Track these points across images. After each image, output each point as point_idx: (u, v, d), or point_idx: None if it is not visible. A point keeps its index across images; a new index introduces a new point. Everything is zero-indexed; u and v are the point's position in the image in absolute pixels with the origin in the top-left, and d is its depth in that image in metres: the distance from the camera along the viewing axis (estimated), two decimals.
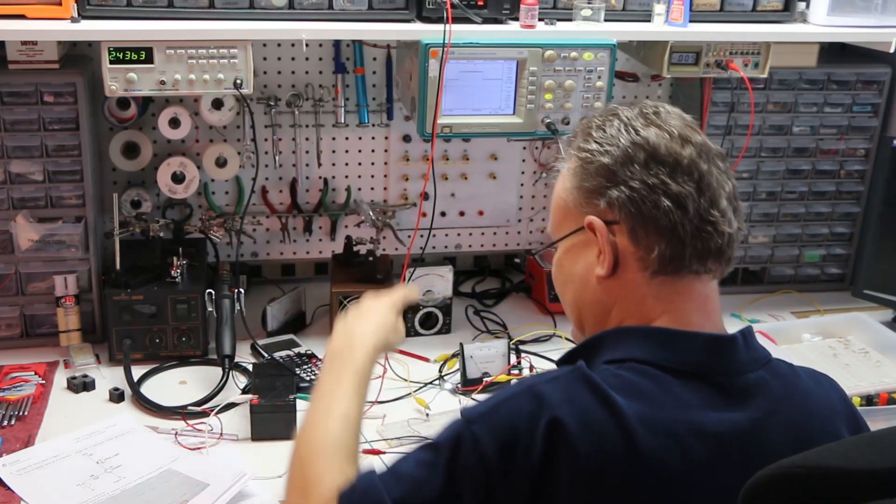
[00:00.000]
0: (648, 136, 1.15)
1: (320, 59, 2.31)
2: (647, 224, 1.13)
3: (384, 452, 1.77)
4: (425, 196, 2.38)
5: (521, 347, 2.20)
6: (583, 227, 1.18)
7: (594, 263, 1.18)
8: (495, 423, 1.07)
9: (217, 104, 2.13)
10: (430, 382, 2.04)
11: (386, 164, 2.44)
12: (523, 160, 2.53)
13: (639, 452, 1.03)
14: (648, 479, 1.04)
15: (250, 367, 2.03)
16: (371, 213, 2.34)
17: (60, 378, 1.98)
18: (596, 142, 1.18)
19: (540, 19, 2.02)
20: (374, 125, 2.39)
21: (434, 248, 2.52)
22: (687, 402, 1.08)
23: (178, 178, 2.20)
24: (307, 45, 1.99)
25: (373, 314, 1.40)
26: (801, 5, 2.22)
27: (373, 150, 2.43)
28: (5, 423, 1.80)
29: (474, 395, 1.97)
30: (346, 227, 2.47)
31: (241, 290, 2.12)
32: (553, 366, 2.12)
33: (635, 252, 1.14)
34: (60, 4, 1.82)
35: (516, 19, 2.03)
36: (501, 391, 1.13)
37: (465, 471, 1.06)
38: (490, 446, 1.05)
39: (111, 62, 1.86)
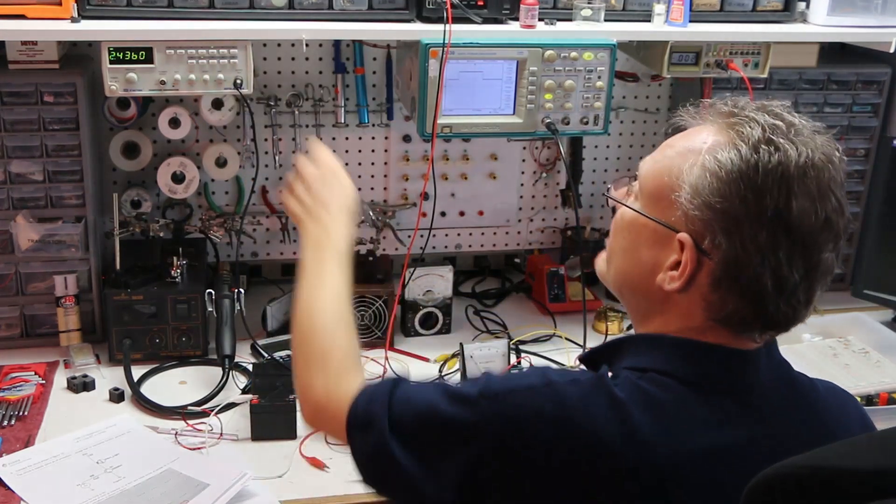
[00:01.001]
0: (794, 204, 1.03)
1: (320, 59, 2.31)
2: (736, 285, 1.06)
3: None
4: (425, 196, 2.38)
5: (521, 347, 2.20)
6: (674, 230, 1.09)
7: (663, 265, 1.10)
8: (506, 408, 1.07)
9: (217, 104, 2.13)
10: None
11: (386, 164, 2.44)
12: (523, 160, 2.53)
13: (647, 468, 1.02)
14: (651, 485, 1.03)
15: (250, 367, 2.03)
16: (371, 213, 2.34)
17: (60, 378, 1.98)
18: (738, 167, 1.04)
19: (540, 19, 2.02)
20: (374, 125, 2.39)
21: (434, 248, 2.52)
22: (704, 418, 1.06)
23: (178, 178, 2.20)
24: (307, 45, 1.99)
25: (338, 183, 1.43)
26: (801, 5, 2.22)
27: (373, 150, 2.43)
28: (5, 423, 1.80)
29: None
30: None
31: (241, 290, 2.12)
32: (552, 364, 2.13)
33: (707, 294, 1.08)
34: (60, 4, 1.82)
35: (516, 19, 2.03)
36: (523, 375, 1.12)
37: (459, 442, 1.07)
38: (491, 429, 1.06)
39: (111, 62, 1.86)
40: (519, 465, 1.05)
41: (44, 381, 1.95)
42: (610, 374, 1.12)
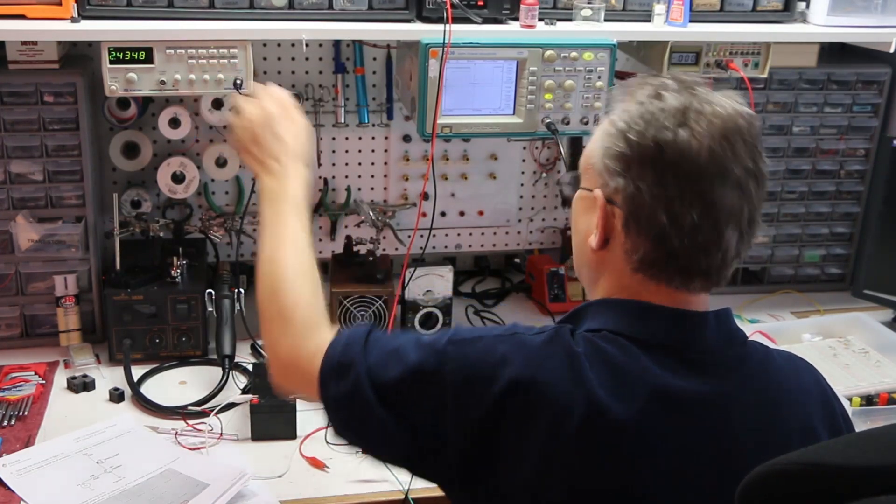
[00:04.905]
0: (677, 141, 1.10)
1: (320, 59, 2.31)
2: (640, 225, 1.13)
3: None
4: (425, 196, 2.38)
5: None
6: (589, 191, 1.19)
7: (591, 228, 1.19)
8: (470, 352, 1.13)
9: (217, 104, 2.13)
10: None
11: (386, 164, 2.44)
12: (523, 160, 2.53)
13: (598, 412, 1.07)
14: (605, 438, 1.07)
15: (250, 367, 2.03)
16: (371, 213, 2.34)
17: (60, 378, 1.98)
18: (630, 119, 1.14)
19: (540, 19, 2.02)
20: (374, 125, 2.39)
21: (434, 248, 2.52)
22: (652, 369, 1.11)
23: (178, 178, 2.20)
24: (307, 45, 1.99)
25: (287, 124, 1.43)
26: (801, 5, 2.22)
27: (373, 150, 2.43)
28: (5, 423, 1.80)
29: None
30: (346, 227, 2.47)
31: (241, 290, 2.12)
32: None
33: (623, 243, 1.15)
34: (60, 4, 1.82)
35: (516, 19, 2.03)
36: (494, 327, 1.19)
37: (427, 386, 1.12)
38: (455, 372, 1.11)
39: (111, 62, 1.86)
40: (478, 407, 1.10)
41: (44, 381, 1.95)
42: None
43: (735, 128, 1.12)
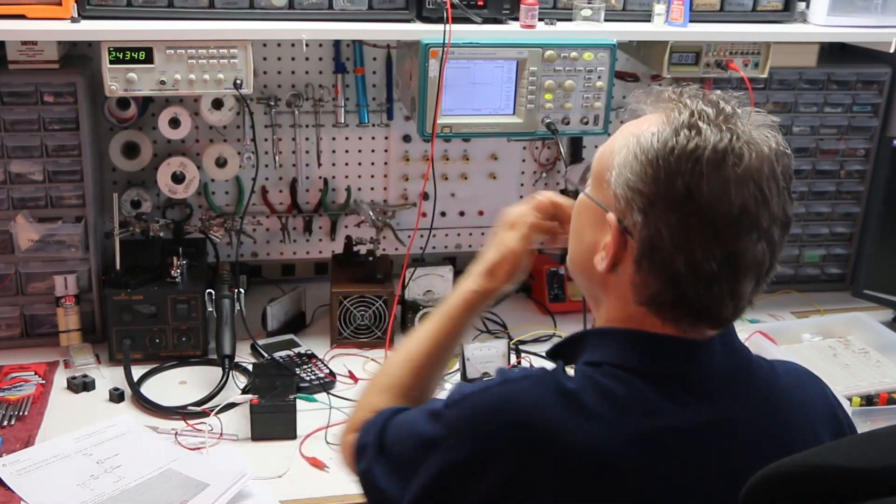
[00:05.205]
0: (711, 190, 1.01)
1: (320, 59, 2.31)
2: (654, 265, 1.06)
3: None
4: (425, 196, 2.38)
5: (521, 347, 2.20)
6: (604, 208, 1.11)
7: (599, 244, 1.12)
8: (464, 412, 1.10)
9: (217, 104, 2.13)
10: None
11: (386, 164, 2.44)
12: (523, 160, 2.53)
13: (601, 452, 1.04)
14: (610, 478, 1.04)
15: (250, 367, 2.03)
16: (371, 213, 2.34)
17: (60, 378, 1.98)
18: (661, 148, 1.04)
19: (540, 19, 2.02)
20: (374, 125, 2.39)
21: (434, 248, 2.52)
22: (655, 404, 1.08)
23: (178, 178, 2.20)
24: (307, 45, 2.00)
25: (495, 244, 1.41)
26: (801, 5, 2.22)
27: (373, 150, 2.43)
28: (5, 423, 1.80)
29: None
30: (346, 227, 2.47)
31: (241, 290, 2.12)
32: (552, 365, 2.13)
33: (632, 275, 1.09)
34: (60, 4, 1.82)
35: (516, 19, 2.03)
36: (486, 380, 1.15)
37: (426, 453, 1.10)
38: (452, 434, 1.08)
39: (111, 62, 1.86)
40: (477, 464, 1.06)
41: (44, 381, 1.95)
42: (570, 369, 1.15)
43: (771, 175, 1.04)
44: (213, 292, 2.08)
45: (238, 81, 1.92)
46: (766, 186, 1.04)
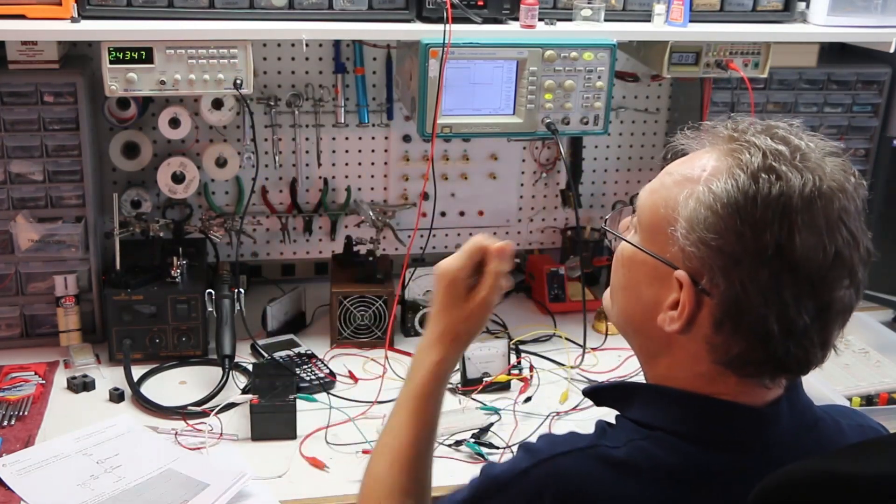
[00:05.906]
0: (803, 244, 0.93)
1: (320, 59, 2.31)
2: (740, 328, 0.96)
3: None
4: (425, 196, 2.38)
5: (521, 347, 2.20)
6: (671, 266, 1.00)
7: (664, 304, 1.01)
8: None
9: (217, 104, 2.13)
10: None
11: (386, 164, 2.44)
12: (523, 160, 2.53)
13: None
14: None
15: (250, 367, 2.03)
16: (371, 213, 2.34)
17: (60, 378, 1.98)
18: (740, 199, 0.94)
19: (540, 19, 2.02)
20: (374, 125, 2.39)
21: (434, 248, 2.52)
22: (716, 479, 1.00)
23: (178, 178, 2.20)
24: (307, 45, 2.00)
25: (434, 308, 1.26)
26: (801, 5, 2.22)
27: (373, 150, 2.43)
28: (5, 423, 1.80)
29: (474, 395, 1.97)
30: (346, 227, 2.47)
31: (241, 290, 2.12)
32: (552, 365, 2.13)
33: (710, 336, 0.98)
34: (60, 4, 1.82)
35: (516, 19, 2.03)
36: (524, 454, 1.05)
37: None
38: None
39: (111, 62, 1.86)
40: None
41: (44, 381, 1.95)
42: (612, 421, 1.08)
43: (855, 212, 0.97)
44: (213, 292, 2.08)
45: (238, 81, 1.92)
46: (855, 227, 0.97)
